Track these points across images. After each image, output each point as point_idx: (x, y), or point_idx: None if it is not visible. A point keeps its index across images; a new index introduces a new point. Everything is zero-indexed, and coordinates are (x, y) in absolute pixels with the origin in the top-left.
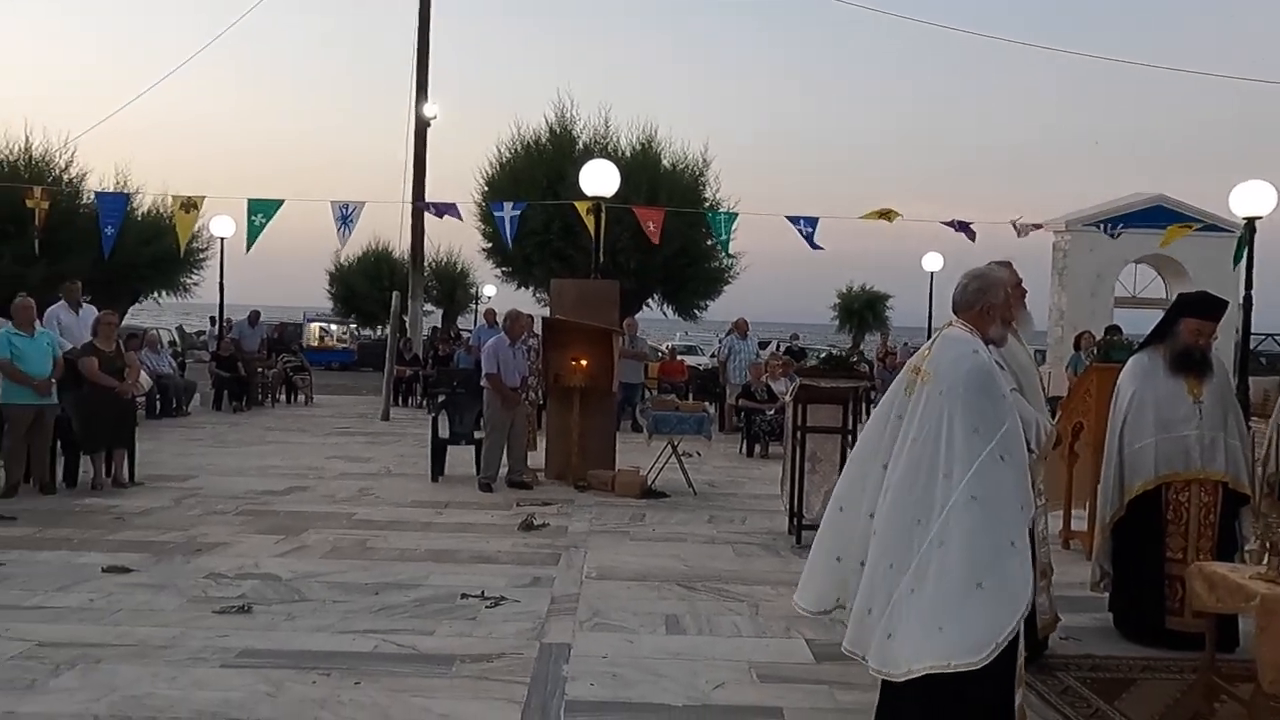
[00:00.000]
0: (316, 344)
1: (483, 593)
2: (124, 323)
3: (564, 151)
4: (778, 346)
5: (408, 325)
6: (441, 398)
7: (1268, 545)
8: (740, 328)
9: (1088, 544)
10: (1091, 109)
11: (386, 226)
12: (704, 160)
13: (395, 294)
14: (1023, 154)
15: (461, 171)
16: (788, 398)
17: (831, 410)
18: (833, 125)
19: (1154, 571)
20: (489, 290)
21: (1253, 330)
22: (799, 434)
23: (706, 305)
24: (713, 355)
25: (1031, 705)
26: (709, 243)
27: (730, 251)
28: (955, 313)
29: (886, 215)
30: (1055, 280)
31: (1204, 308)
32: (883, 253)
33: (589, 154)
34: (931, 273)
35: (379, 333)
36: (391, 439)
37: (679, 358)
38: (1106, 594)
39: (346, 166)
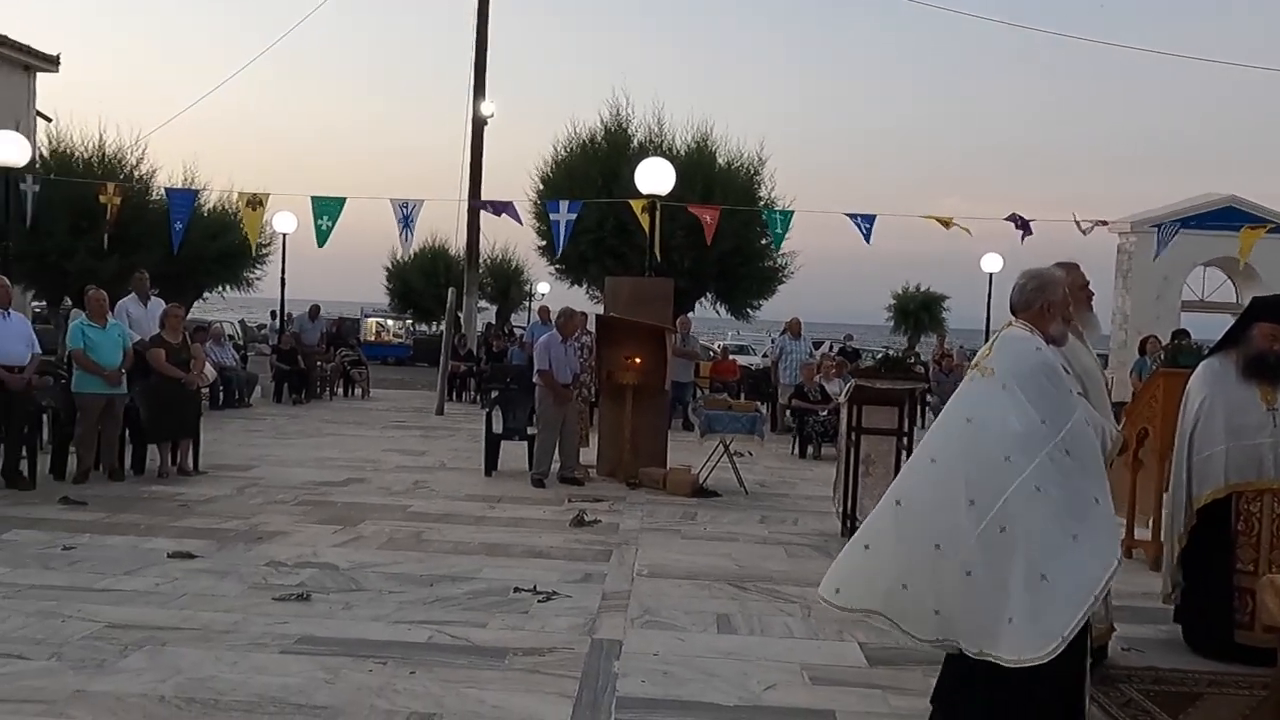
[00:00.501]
0: (374, 339)
1: (535, 587)
2: (189, 316)
3: (619, 150)
4: (831, 347)
5: (462, 321)
6: (495, 393)
7: None
8: (793, 328)
9: (1151, 553)
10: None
11: (444, 224)
12: (759, 158)
13: (451, 290)
14: (1085, 152)
15: (518, 169)
16: (842, 398)
17: (887, 412)
18: (890, 121)
19: (1223, 583)
20: (543, 287)
21: None
22: (853, 435)
23: (760, 305)
24: (765, 355)
25: (1092, 717)
26: (763, 241)
27: (783, 249)
28: (1014, 313)
29: (945, 222)
30: (1119, 283)
31: (1279, 311)
32: (940, 253)
33: (644, 152)
34: (990, 274)
35: (434, 328)
36: (446, 433)
37: (731, 357)
38: (1174, 605)
39: (403, 162)
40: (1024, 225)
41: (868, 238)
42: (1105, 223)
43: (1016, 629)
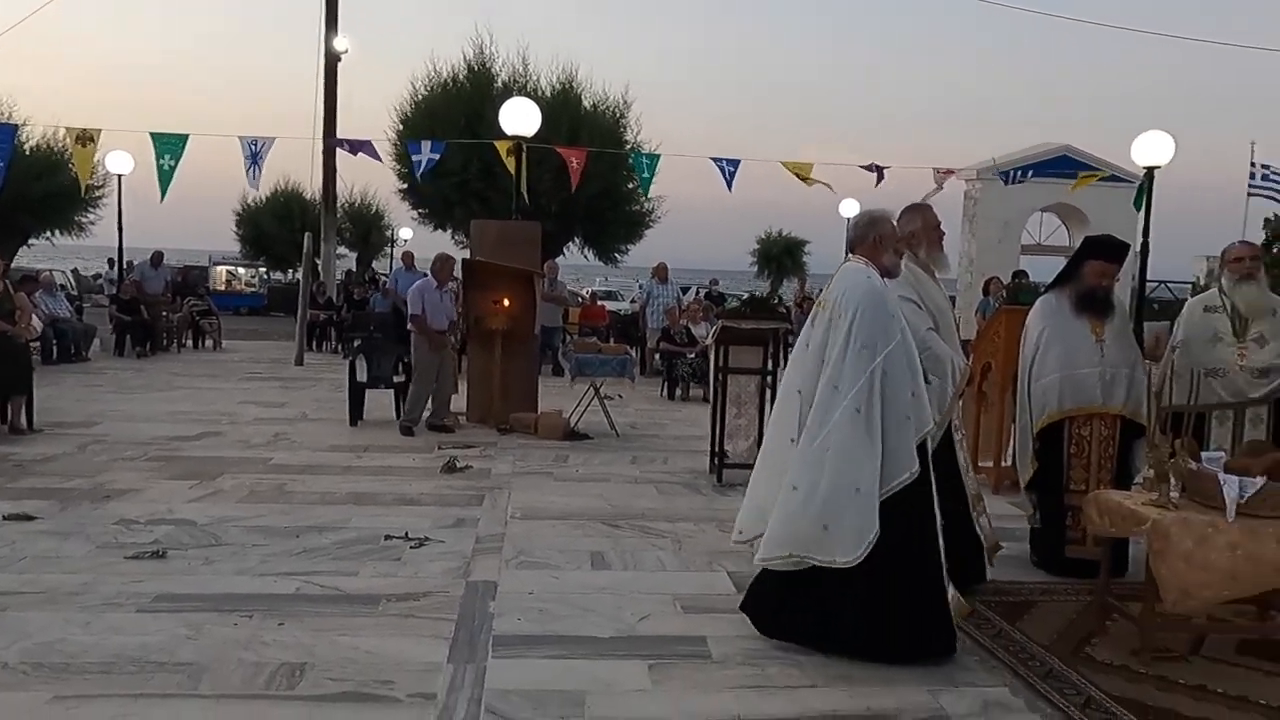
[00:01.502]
0: (224, 288)
1: (406, 534)
2: (15, 264)
3: (482, 90)
4: (698, 292)
5: (320, 268)
6: (358, 342)
7: (1160, 474)
8: (660, 273)
9: (994, 479)
10: (1008, 62)
11: (297, 165)
12: (625, 102)
13: (307, 235)
14: (940, 106)
15: (377, 113)
16: (709, 340)
17: (752, 352)
18: (755, 70)
19: (1057, 503)
20: (405, 233)
21: (1148, 277)
22: (720, 375)
23: (627, 249)
24: (633, 300)
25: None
26: (630, 186)
27: (650, 194)
28: (851, 249)
29: (804, 174)
30: (966, 227)
31: (1108, 250)
32: (802, 200)
33: (508, 93)
34: (849, 219)
35: (290, 276)
36: (306, 384)
37: (600, 303)
38: (1033, 527)
39: (253, 100)
40: (879, 173)
41: (730, 184)
42: (952, 171)
43: (833, 535)
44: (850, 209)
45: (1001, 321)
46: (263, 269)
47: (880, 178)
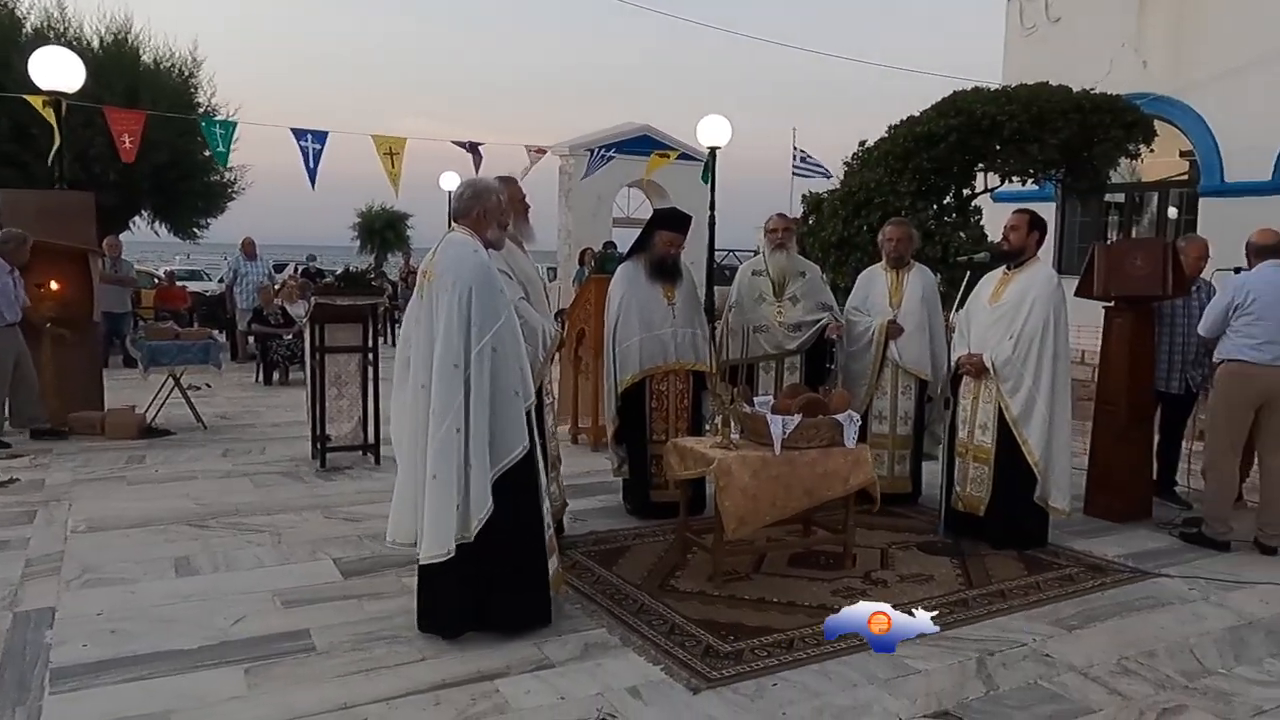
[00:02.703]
0: None
1: None
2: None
3: (6, 35)
4: (295, 268)
5: None
6: None
7: (723, 419)
8: (247, 248)
9: (593, 437)
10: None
11: None
12: (194, 60)
13: None
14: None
15: None
16: (305, 319)
17: (351, 329)
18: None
19: (642, 453)
20: None
21: (717, 246)
22: (319, 355)
23: (207, 224)
24: (221, 280)
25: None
26: (206, 154)
27: (231, 164)
28: (455, 220)
29: (394, 153)
30: (563, 201)
31: (673, 222)
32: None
33: (42, 40)
34: (449, 192)
35: None
36: None
37: (180, 284)
38: (623, 478)
39: None
40: (474, 149)
41: (316, 159)
42: (543, 151)
43: (461, 514)
44: (451, 182)
45: (591, 289)
46: None
47: (477, 156)
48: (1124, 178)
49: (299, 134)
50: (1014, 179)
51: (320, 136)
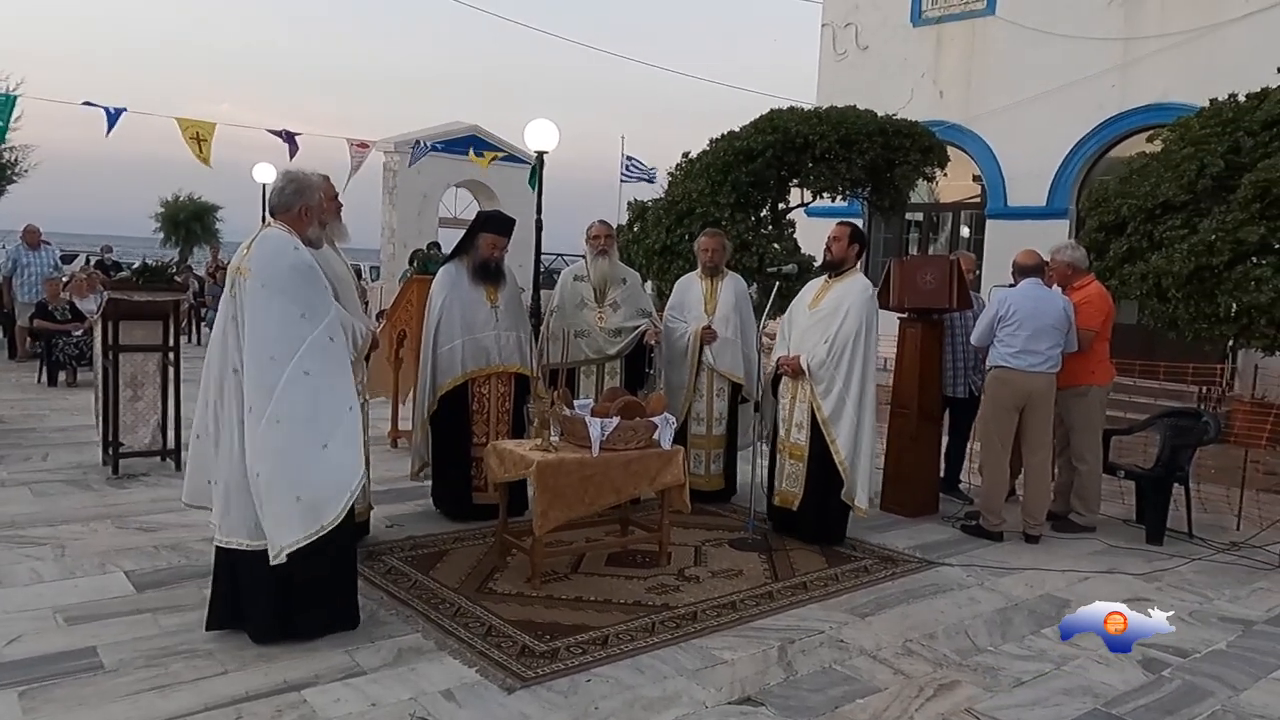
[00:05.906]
0: None
1: None
2: None
3: None
4: (87, 260)
5: None
6: None
7: (543, 422)
8: (30, 237)
9: (414, 442)
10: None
11: None
12: None
13: None
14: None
15: None
16: (96, 315)
17: (151, 327)
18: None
19: (463, 456)
20: None
21: (544, 251)
22: (112, 355)
23: None
24: None
25: (361, 589)
26: None
27: (7, 141)
28: (273, 214)
29: (200, 138)
30: (387, 199)
31: (497, 224)
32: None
33: None
34: (264, 184)
35: None
36: None
37: None
38: (429, 482)
39: None
40: (291, 139)
41: (111, 125)
42: (367, 145)
43: (306, 503)
44: (266, 174)
45: (413, 290)
46: None
47: (294, 146)
48: (924, 198)
49: (105, 110)
50: (825, 195)
51: (116, 112)
